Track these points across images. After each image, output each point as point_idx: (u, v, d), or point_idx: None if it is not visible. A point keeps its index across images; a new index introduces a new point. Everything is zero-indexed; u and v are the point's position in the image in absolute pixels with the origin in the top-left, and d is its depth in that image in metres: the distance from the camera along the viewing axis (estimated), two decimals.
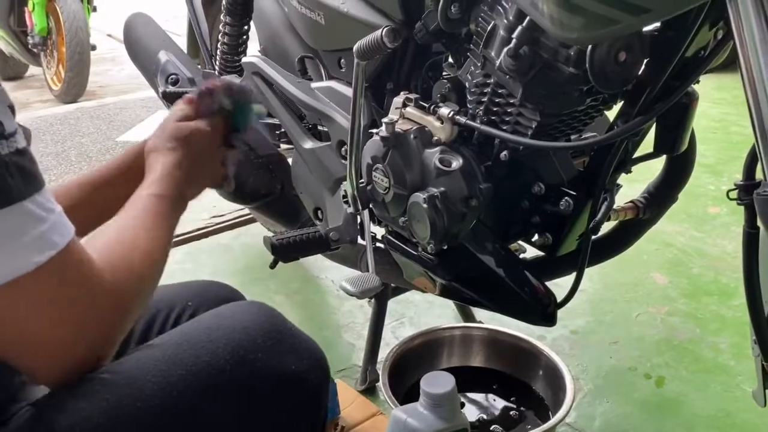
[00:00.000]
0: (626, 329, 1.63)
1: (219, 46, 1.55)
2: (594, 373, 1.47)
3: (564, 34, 0.80)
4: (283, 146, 1.57)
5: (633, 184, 1.20)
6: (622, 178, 1.07)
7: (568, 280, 1.06)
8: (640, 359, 1.51)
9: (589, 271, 1.07)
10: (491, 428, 1.15)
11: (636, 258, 1.86)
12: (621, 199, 1.10)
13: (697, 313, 1.68)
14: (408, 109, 1.06)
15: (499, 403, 1.21)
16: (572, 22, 0.77)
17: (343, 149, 1.25)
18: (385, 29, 1.00)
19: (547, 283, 1.07)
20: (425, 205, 0.99)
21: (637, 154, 1.04)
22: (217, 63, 1.57)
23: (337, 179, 1.29)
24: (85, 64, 3.70)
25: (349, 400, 1.26)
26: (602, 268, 1.31)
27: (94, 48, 3.81)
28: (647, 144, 1.05)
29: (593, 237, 1.02)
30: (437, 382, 0.94)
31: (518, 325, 1.13)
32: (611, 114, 1.00)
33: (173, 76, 1.51)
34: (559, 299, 1.05)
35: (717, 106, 3.21)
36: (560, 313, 1.05)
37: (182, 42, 1.92)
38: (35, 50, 3.96)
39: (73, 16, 3.61)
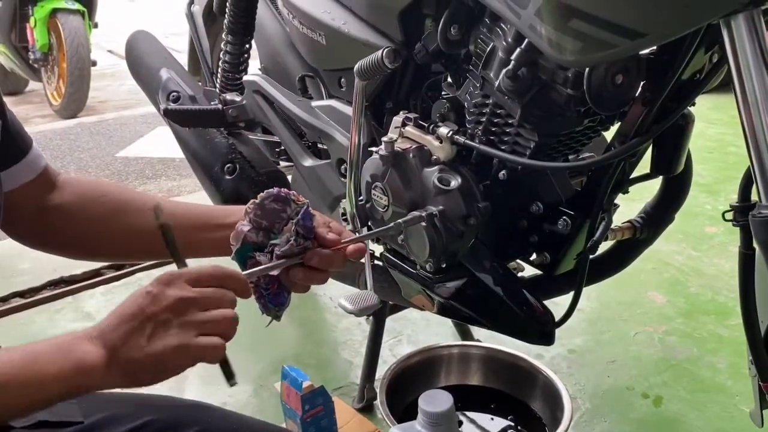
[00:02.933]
0: (624, 348, 1.63)
1: (220, 64, 1.56)
2: (592, 392, 1.47)
3: (562, 56, 0.81)
4: (283, 163, 1.58)
5: (630, 204, 1.21)
6: (620, 198, 1.08)
7: (566, 299, 1.07)
8: (637, 378, 1.51)
9: (587, 290, 1.07)
10: None
11: (633, 277, 1.87)
12: (618, 218, 1.11)
13: (695, 332, 1.68)
14: (407, 128, 1.07)
15: (497, 422, 1.20)
16: (570, 46, 0.79)
17: (342, 167, 1.26)
18: (386, 50, 1.01)
19: (545, 302, 1.07)
20: (424, 224, 1.00)
21: (635, 174, 1.05)
22: (218, 81, 1.58)
23: (336, 197, 1.29)
24: (85, 79, 3.72)
25: (346, 418, 1.26)
26: (600, 287, 1.31)
27: (94, 64, 3.84)
28: (644, 164, 1.06)
29: (591, 256, 1.02)
30: (435, 401, 0.94)
31: (516, 343, 1.13)
32: (608, 135, 1.01)
33: (174, 94, 1.52)
34: (557, 318, 1.06)
35: (713, 126, 3.23)
36: (558, 332, 1.06)
37: (183, 59, 1.94)
38: (36, 66, 3.98)
39: (74, 32, 3.64)
